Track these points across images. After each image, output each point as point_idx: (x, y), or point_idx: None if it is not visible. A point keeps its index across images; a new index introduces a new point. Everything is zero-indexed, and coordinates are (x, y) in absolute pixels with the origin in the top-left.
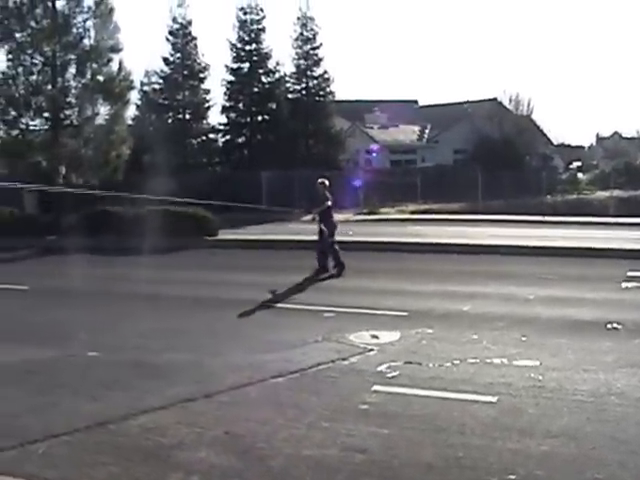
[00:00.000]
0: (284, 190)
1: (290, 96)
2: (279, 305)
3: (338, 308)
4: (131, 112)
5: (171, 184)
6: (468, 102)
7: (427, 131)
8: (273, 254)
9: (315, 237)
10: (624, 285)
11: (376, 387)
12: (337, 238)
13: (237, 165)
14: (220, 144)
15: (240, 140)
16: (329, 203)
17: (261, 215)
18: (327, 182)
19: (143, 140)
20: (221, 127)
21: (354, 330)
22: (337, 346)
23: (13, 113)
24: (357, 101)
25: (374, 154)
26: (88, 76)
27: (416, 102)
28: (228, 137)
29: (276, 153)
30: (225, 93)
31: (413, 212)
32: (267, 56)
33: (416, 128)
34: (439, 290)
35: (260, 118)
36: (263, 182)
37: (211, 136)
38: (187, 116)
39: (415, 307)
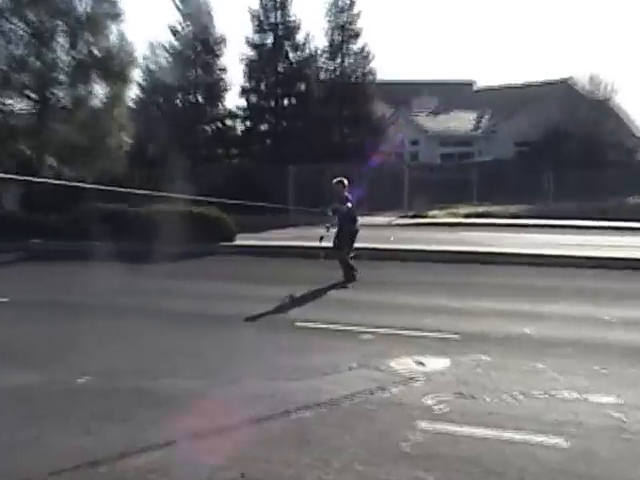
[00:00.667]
0: (315, 187)
1: (322, 76)
2: (306, 324)
3: (376, 328)
4: (133, 93)
5: (180, 179)
6: (535, 84)
7: (485, 119)
8: (300, 264)
9: (362, 244)
10: None
11: (421, 423)
12: (375, 245)
13: (259, 157)
14: (239, 132)
15: (263, 128)
16: (349, 205)
17: (287, 217)
18: (346, 181)
19: (147, 127)
20: (240, 112)
21: (395, 355)
22: (375, 374)
23: None
24: (402, 83)
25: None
26: (82, 49)
27: (473, 84)
28: (248, 124)
29: (305, 144)
30: (245, 72)
31: (467, 215)
32: (295, 28)
33: (472, 115)
34: (497, 308)
35: (286, 102)
36: (290, 178)
37: (228, 123)
38: (199, 99)
39: (468, 328)
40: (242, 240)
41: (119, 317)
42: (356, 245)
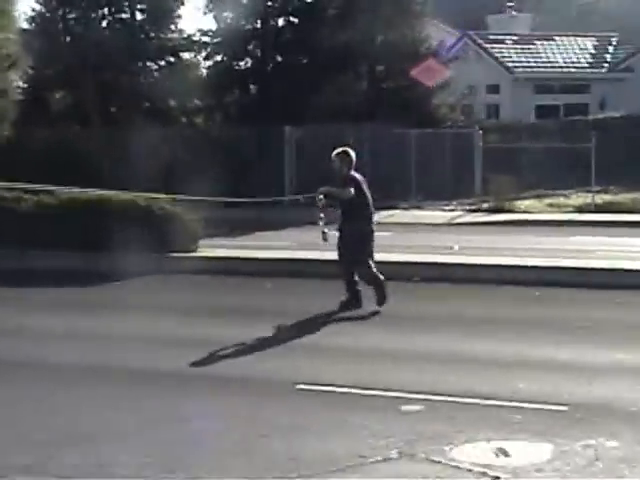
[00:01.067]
0: (327, 163)
1: None
2: (314, 387)
3: (430, 395)
4: (27, 5)
5: (107, 147)
6: None
7: (611, 49)
8: (313, 289)
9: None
10: None
11: None
12: (428, 258)
13: (237, 114)
14: (203, 73)
15: (242, 65)
16: (352, 191)
17: (282, 210)
18: (352, 153)
19: (51, 62)
20: (205, 39)
21: (461, 438)
22: (427, 469)
23: None
24: None
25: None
26: None
27: None
28: (219, 58)
29: (312, 91)
30: None
31: (580, 209)
32: None
33: (589, 43)
34: (631, 363)
35: (282, 21)
36: (287, 147)
37: (185, 56)
38: (138, 15)
39: (580, 395)
40: (208, 249)
41: (9, 376)
42: (399, 259)
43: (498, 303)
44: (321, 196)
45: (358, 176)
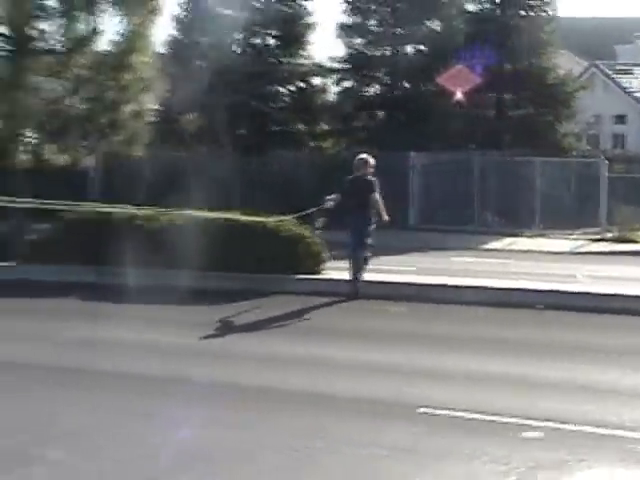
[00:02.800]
0: (452, 188)
1: (471, 8)
2: (434, 412)
3: (551, 422)
4: (165, 31)
5: (237, 169)
6: None
7: None
8: (436, 313)
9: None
10: None
11: None
12: (554, 286)
13: (363, 139)
14: (332, 98)
15: (371, 91)
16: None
17: (407, 235)
18: (372, 161)
19: (185, 85)
20: (334, 65)
21: (583, 468)
22: None
23: None
24: (601, 20)
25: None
26: None
27: None
28: (347, 85)
29: (439, 118)
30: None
31: None
32: None
33: None
34: None
35: (410, 49)
36: (413, 173)
37: (315, 82)
38: (270, 41)
39: None
40: (333, 271)
41: (118, 389)
42: (522, 286)
43: (625, 333)
44: (330, 202)
45: (374, 181)
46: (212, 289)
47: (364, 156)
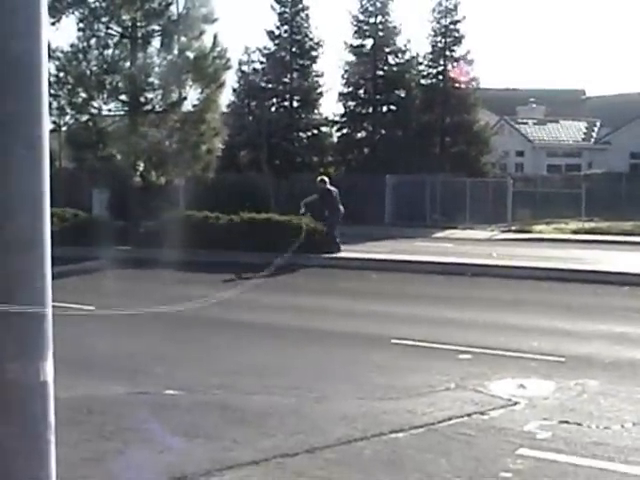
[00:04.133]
0: (413, 198)
1: (423, 82)
2: (403, 341)
3: (476, 348)
4: (226, 97)
5: (273, 186)
6: None
7: (596, 129)
8: (401, 279)
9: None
10: None
11: (522, 450)
12: (476, 261)
13: (355, 166)
14: (335, 140)
15: (360, 135)
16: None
17: (383, 229)
18: (326, 179)
19: (240, 132)
20: (337, 118)
21: (496, 377)
22: (474, 396)
23: (83, 95)
24: (507, 90)
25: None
26: (175, 52)
27: (583, 92)
28: (345, 131)
29: (404, 153)
30: (343, 76)
31: (575, 231)
32: (396, 31)
33: (582, 125)
34: (606, 331)
35: (385, 109)
36: (387, 188)
37: (324, 129)
38: (295, 104)
39: (574, 351)
40: (344, 253)
41: (209, 330)
42: (457, 261)
43: (521, 291)
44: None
45: (333, 189)
46: (262, 263)
47: (321, 177)
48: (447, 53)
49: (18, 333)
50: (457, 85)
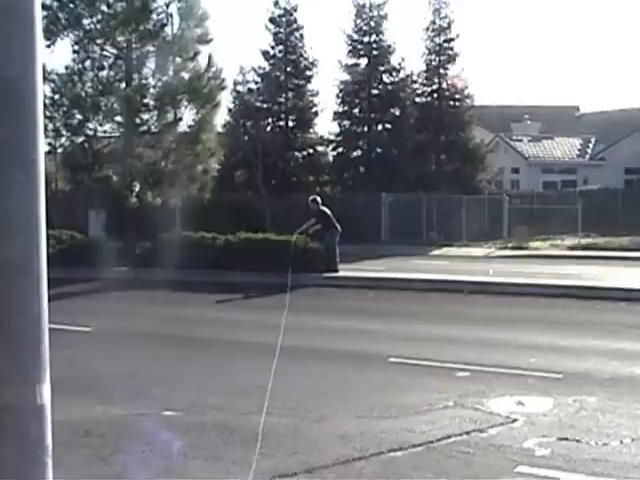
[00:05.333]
0: (409, 216)
1: (418, 100)
2: (401, 360)
3: (474, 366)
4: (222, 117)
5: (269, 206)
6: None
7: (591, 145)
8: (398, 297)
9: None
10: None
11: (521, 468)
12: (474, 278)
13: (351, 185)
14: (330, 159)
15: (355, 154)
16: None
17: (379, 247)
18: (318, 199)
19: (235, 152)
20: (332, 137)
21: (494, 394)
22: (472, 414)
23: (78, 116)
24: (502, 107)
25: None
26: (170, 72)
27: (577, 109)
28: (340, 150)
29: (400, 171)
30: (337, 96)
31: (571, 247)
32: (390, 50)
33: (577, 141)
34: (604, 347)
35: (380, 127)
36: (383, 206)
37: (319, 149)
38: (290, 123)
39: (572, 368)
40: (340, 271)
41: (206, 350)
42: (454, 278)
43: (518, 308)
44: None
45: (326, 210)
46: (261, 283)
47: (313, 197)
48: (441, 71)
49: (14, 356)
50: (454, 95)
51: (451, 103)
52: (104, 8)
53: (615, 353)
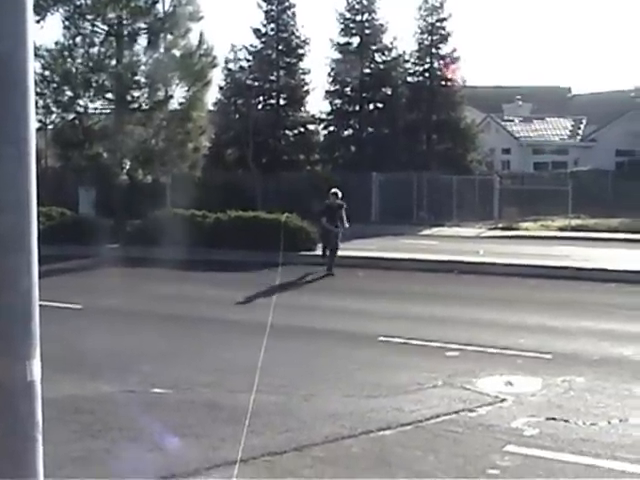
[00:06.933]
0: (400, 196)
1: (410, 80)
2: (390, 339)
3: (463, 345)
4: (213, 95)
5: (260, 184)
6: (637, 89)
7: (582, 126)
8: (388, 276)
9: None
10: None
11: (509, 447)
12: (464, 258)
13: (342, 164)
14: (321, 138)
15: (346, 133)
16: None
17: (370, 227)
18: (339, 193)
19: (226, 130)
20: (323, 116)
21: (483, 374)
22: (461, 393)
23: (69, 93)
24: (494, 87)
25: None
26: (161, 50)
27: (569, 90)
28: (331, 129)
29: (391, 150)
30: (329, 74)
31: (561, 228)
32: (382, 29)
33: (568, 122)
34: (592, 327)
35: (372, 106)
36: (374, 185)
37: (310, 127)
38: (281, 102)
39: (561, 348)
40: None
41: (196, 328)
42: (444, 258)
43: (508, 288)
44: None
45: (344, 204)
46: (252, 261)
47: (335, 190)
48: (433, 51)
49: (4, 332)
50: (448, 83)
51: (442, 83)
52: None
53: (604, 334)
